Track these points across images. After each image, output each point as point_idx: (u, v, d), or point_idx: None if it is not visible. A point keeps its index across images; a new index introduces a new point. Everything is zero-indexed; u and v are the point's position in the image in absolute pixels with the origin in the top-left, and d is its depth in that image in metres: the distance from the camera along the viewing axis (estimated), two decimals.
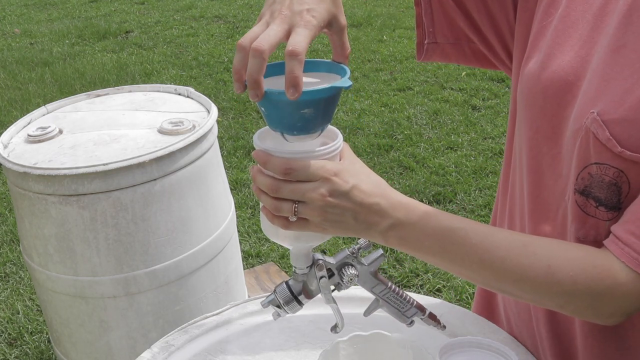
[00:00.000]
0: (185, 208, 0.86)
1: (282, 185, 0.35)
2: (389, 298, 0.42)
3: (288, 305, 0.41)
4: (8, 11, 3.73)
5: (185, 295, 0.89)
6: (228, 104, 2.26)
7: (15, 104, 2.36)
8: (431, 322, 0.44)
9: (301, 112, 0.33)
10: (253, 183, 0.36)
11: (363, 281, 0.41)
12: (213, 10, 3.48)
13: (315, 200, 0.35)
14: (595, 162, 0.36)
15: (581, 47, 0.39)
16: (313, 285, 0.41)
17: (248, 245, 1.46)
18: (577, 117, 0.38)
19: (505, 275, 0.36)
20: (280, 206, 0.35)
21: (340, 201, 0.35)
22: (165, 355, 0.51)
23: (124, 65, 2.72)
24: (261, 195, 0.36)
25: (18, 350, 1.19)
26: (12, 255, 1.47)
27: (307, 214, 0.35)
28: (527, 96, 0.42)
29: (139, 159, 0.80)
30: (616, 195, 0.36)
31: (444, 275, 1.32)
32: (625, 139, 0.35)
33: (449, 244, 0.36)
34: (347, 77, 0.35)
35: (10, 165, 0.82)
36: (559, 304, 0.37)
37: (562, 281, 0.35)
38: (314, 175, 0.34)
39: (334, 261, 0.41)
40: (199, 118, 0.92)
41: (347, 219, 0.35)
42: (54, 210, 0.81)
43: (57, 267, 0.85)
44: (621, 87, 0.36)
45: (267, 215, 0.37)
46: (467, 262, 0.36)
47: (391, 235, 0.36)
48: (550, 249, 0.36)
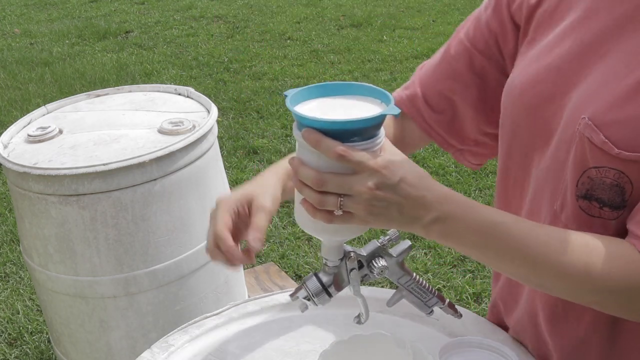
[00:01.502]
0: (185, 208, 0.86)
1: (329, 179, 0.34)
2: (413, 288, 0.42)
3: (318, 297, 0.40)
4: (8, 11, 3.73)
5: (186, 295, 0.89)
6: (228, 104, 2.26)
7: (15, 104, 2.35)
8: (450, 311, 0.44)
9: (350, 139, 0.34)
10: (293, 175, 0.35)
11: (391, 272, 0.41)
12: (213, 10, 3.47)
13: (362, 194, 0.34)
14: (594, 166, 0.36)
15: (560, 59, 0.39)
16: (343, 277, 0.40)
17: None
18: (567, 125, 0.38)
19: (544, 271, 0.36)
20: (325, 200, 0.34)
21: (387, 194, 0.34)
22: (165, 355, 0.51)
23: (124, 65, 2.72)
24: (304, 188, 0.35)
25: (18, 350, 1.19)
26: (12, 255, 1.47)
27: (352, 207, 0.34)
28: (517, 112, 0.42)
29: (139, 159, 0.80)
30: (619, 195, 0.36)
31: (444, 275, 1.32)
32: (620, 140, 0.35)
33: (491, 238, 0.36)
34: (393, 104, 0.35)
35: (10, 165, 0.82)
36: (595, 300, 0.37)
37: (598, 278, 0.35)
38: (363, 166, 0.34)
39: (364, 253, 0.40)
40: (199, 118, 0.92)
41: (392, 212, 0.35)
42: (54, 210, 0.81)
43: (57, 267, 0.85)
44: (609, 90, 0.36)
45: (309, 209, 0.35)
46: (508, 256, 0.36)
47: (434, 228, 0.36)
48: (588, 245, 0.36)
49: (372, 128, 0.35)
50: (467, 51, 0.47)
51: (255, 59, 2.71)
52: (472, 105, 0.48)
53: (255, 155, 1.90)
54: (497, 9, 0.45)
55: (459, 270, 1.33)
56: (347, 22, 3.11)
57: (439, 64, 0.49)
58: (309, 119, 0.34)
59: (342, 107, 0.36)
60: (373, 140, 0.35)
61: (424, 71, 0.50)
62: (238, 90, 2.37)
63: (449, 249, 1.39)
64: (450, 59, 0.48)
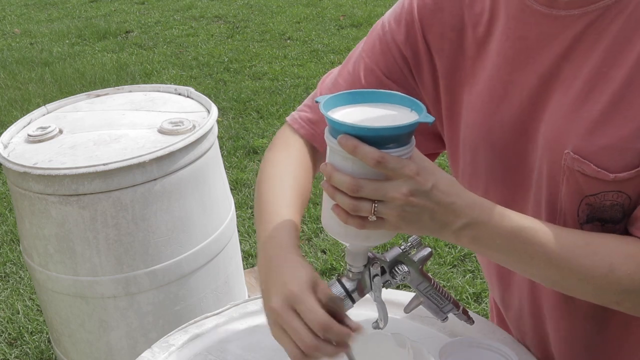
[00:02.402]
0: (185, 208, 0.86)
1: (364, 184, 0.34)
2: (431, 294, 0.43)
3: None
4: (8, 11, 3.73)
5: (186, 295, 0.89)
6: (228, 104, 2.26)
7: (15, 104, 2.35)
8: (463, 317, 0.45)
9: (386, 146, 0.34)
10: (326, 180, 0.35)
11: (412, 278, 0.41)
12: (213, 10, 3.47)
13: (396, 200, 0.34)
14: (590, 194, 0.37)
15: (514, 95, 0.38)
16: (366, 283, 0.40)
17: (248, 245, 1.46)
18: (545, 161, 0.38)
19: (569, 274, 0.36)
20: (360, 206, 0.34)
21: (421, 201, 0.34)
22: (165, 355, 0.51)
23: (124, 65, 2.72)
24: (336, 194, 0.35)
25: (18, 350, 1.19)
26: (12, 255, 1.47)
27: (385, 213, 0.35)
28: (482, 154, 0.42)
29: (139, 159, 0.80)
30: (620, 211, 0.37)
31: (444, 275, 1.32)
32: (611, 164, 0.35)
33: (519, 242, 0.36)
34: (426, 112, 0.35)
35: (10, 165, 0.82)
36: (617, 300, 0.37)
37: (621, 279, 0.36)
38: (399, 172, 0.34)
39: (387, 259, 0.41)
40: (199, 118, 0.92)
41: (424, 218, 0.35)
42: (54, 210, 0.81)
43: (57, 267, 0.85)
44: (582, 118, 0.36)
45: (341, 215, 0.35)
46: (535, 260, 0.37)
47: (464, 234, 0.36)
48: (610, 247, 0.37)
49: (406, 135, 0.35)
50: (381, 83, 0.44)
51: (255, 59, 2.71)
52: None
53: (255, 155, 1.90)
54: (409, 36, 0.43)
55: (459, 270, 1.33)
56: (347, 22, 3.11)
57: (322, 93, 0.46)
58: (346, 125, 0.34)
59: (374, 115, 0.36)
60: (406, 147, 0.35)
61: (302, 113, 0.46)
62: (238, 90, 2.37)
63: (449, 248, 1.39)
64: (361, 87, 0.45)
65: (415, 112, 0.36)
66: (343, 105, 0.37)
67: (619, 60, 0.35)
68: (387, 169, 0.34)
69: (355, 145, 0.34)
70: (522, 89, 0.39)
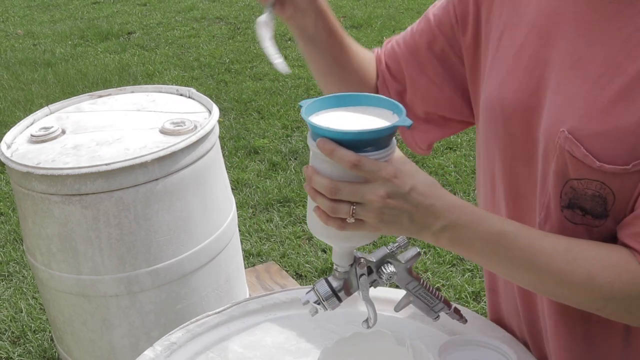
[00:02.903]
0: (186, 208, 0.86)
1: (342, 187, 0.35)
2: (420, 294, 0.43)
3: (328, 301, 0.41)
4: (11, 12, 3.75)
5: (187, 294, 0.89)
6: (229, 105, 2.26)
7: (18, 104, 2.36)
8: (455, 316, 0.45)
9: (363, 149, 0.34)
10: (307, 183, 0.36)
11: (399, 278, 0.42)
12: (214, 12, 3.48)
13: (374, 202, 0.35)
14: (575, 177, 0.37)
15: (535, 68, 0.39)
16: (352, 282, 0.41)
17: (249, 245, 1.46)
18: (546, 137, 0.38)
19: (548, 279, 0.37)
20: (338, 208, 0.35)
21: (398, 203, 0.35)
22: (167, 353, 0.51)
23: (126, 66, 2.73)
24: (317, 196, 0.36)
25: (21, 349, 1.20)
26: (16, 255, 1.48)
27: (364, 215, 0.35)
28: (493, 125, 0.42)
29: (141, 159, 0.80)
30: (601, 205, 0.37)
31: (443, 274, 1.32)
32: (601, 152, 0.35)
33: (498, 246, 0.37)
34: (405, 115, 0.35)
35: (13, 165, 0.82)
36: (597, 307, 0.38)
37: (601, 286, 0.36)
38: (376, 175, 0.34)
39: (374, 259, 0.41)
40: (201, 118, 0.93)
41: (403, 220, 0.36)
42: (56, 210, 0.82)
43: (60, 266, 0.85)
44: (585, 102, 0.36)
45: (322, 217, 0.36)
46: (515, 265, 0.37)
47: (443, 236, 0.36)
48: (591, 254, 0.37)
49: (384, 138, 0.35)
50: (431, 30, 0.46)
51: (256, 60, 2.72)
52: (426, 85, 0.47)
53: (257, 155, 1.90)
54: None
55: (458, 270, 1.33)
56: (347, 23, 3.11)
57: (405, 34, 0.48)
58: (324, 129, 0.35)
59: (355, 118, 0.37)
60: (385, 150, 0.35)
61: (393, 40, 0.49)
62: (239, 91, 2.37)
63: None
64: (414, 33, 0.47)
65: (397, 115, 0.36)
66: (327, 108, 0.37)
67: (635, 53, 0.34)
68: (363, 171, 0.34)
69: (333, 148, 0.35)
70: (541, 63, 0.38)
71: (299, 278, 1.34)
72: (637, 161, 0.35)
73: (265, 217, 1.57)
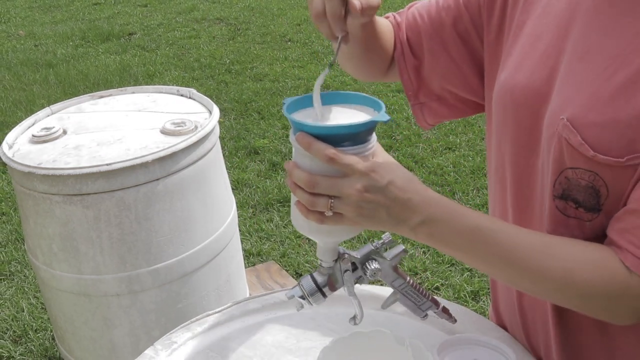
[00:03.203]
0: (187, 208, 0.86)
1: (319, 181, 0.35)
2: (406, 292, 0.43)
3: (312, 296, 0.42)
4: (13, 13, 3.76)
5: (188, 294, 0.89)
6: (230, 105, 2.27)
7: (19, 105, 2.37)
8: (444, 315, 0.45)
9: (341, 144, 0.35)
10: (288, 177, 0.37)
11: (384, 275, 0.42)
12: (215, 13, 3.49)
13: (351, 195, 0.35)
14: (570, 167, 0.37)
15: (548, 57, 0.39)
16: (337, 278, 0.41)
17: (249, 244, 1.47)
18: (548, 124, 0.38)
19: (525, 275, 0.37)
20: (317, 201, 0.35)
21: (376, 197, 0.35)
22: (167, 352, 0.52)
23: (127, 66, 2.73)
24: (296, 190, 0.36)
25: (23, 348, 1.20)
26: (17, 254, 1.48)
27: (342, 209, 0.36)
28: (502, 113, 0.43)
29: (142, 159, 0.81)
30: (594, 197, 0.37)
31: (442, 273, 1.32)
32: (596, 142, 0.35)
33: (476, 242, 0.37)
34: (383, 111, 0.36)
35: (15, 165, 0.83)
36: (575, 304, 0.38)
37: (578, 283, 0.36)
38: (353, 169, 0.35)
39: (358, 255, 0.42)
40: (201, 119, 0.93)
41: (381, 214, 0.36)
42: (58, 210, 0.82)
43: (61, 265, 0.86)
44: (588, 92, 0.36)
45: (302, 210, 0.37)
46: (492, 260, 0.37)
47: (421, 230, 0.37)
48: (569, 251, 0.37)
49: (362, 134, 0.36)
50: (458, 8, 0.46)
51: (256, 61, 2.72)
52: (446, 61, 0.46)
53: (257, 155, 1.91)
54: None
55: (457, 269, 1.33)
56: None
57: (429, 7, 0.48)
58: (302, 124, 0.36)
59: (335, 114, 0.38)
60: (364, 146, 0.36)
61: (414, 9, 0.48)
62: (239, 92, 2.38)
63: None
64: (440, 8, 0.47)
65: (377, 111, 0.37)
66: (310, 105, 0.38)
67: None
68: (340, 165, 0.35)
69: (310, 142, 0.35)
70: (556, 53, 0.38)
71: (299, 277, 1.34)
72: (632, 155, 0.34)
73: (266, 217, 1.57)
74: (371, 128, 0.36)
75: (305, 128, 0.36)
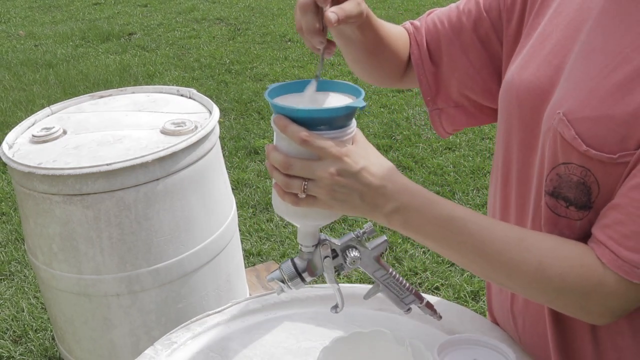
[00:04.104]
0: (187, 207, 0.86)
1: (294, 162, 0.36)
2: (388, 283, 0.43)
3: (292, 281, 0.42)
4: (13, 13, 3.76)
5: (188, 294, 0.89)
6: (230, 105, 2.27)
7: (19, 105, 2.37)
8: (428, 310, 0.45)
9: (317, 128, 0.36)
10: (267, 159, 0.38)
11: (365, 264, 0.42)
12: (215, 13, 3.49)
13: (324, 179, 0.35)
14: (563, 162, 0.37)
15: (555, 56, 0.40)
16: (317, 264, 0.42)
17: (249, 244, 1.47)
18: (545, 120, 0.39)
19: (498, 267, 0.37)
20: (291, 183, 0.36)
21: (349, 181, 0.36)
22: (167, 352, 0.52)
23: (127, 66, 2.73)
24: (273, 171, 0.37)
25: (23, 348, 1.20)
26: (17, 254, 1.48)
27: (315, 191, 0.36)
28: (507, 109, 0.43)
29: (142, 159, 0.81)
30: (585, 194, 0.37)
31: (442, 273, 1.32)
32: (589, 137, 0.35)
33: (448, 231, 0.37)
34: (361, 98, 0.36)
35: (15, 165, 0.83)
36: (548, 299, 0.38)
37: (551, 278, 0.36)
38: (326, 152, 0.35)
39: (339, 243, 0.42)
40: (201, 119, 0.93)
41: (354, 199, 0.36)
42: (58, 210, 0.82)
43: (62, 265, 0.86)
44: (587, 88, 0.36)
45: (279, 192, 0.37)
46: (464, 251, 0.37)
47: (394, 218, 0.37)
48: (544, 246, 0.37)
49: (339, 118, 0.36)
50: (479, 13, 0.46)
51: (256, 61, 2.72)
52: (465, 66, 0.47)
53: (257, 155, 1.91)
54: None
55: (457, 269, 1.33)
56: None
57: (449, 13, 0.48)
58: (279, 106, 0.36)
59: (316, 100, 0.38)
60: (343, 131, 0.36)
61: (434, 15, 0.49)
62: (239, 92, 2.38)
63: None
64: (461, 12, 0.47)
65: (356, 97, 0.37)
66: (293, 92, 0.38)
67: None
68: (313, 147, 0.35)
69: (285, 124, 0.36)
70: (563, 52, 0.39)
71: None
72: (624, 152, 0.34)
73: (265, 217, 1.57)
74: (349, 114, 0.36)
75: (282, 110, 0.36)
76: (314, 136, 0.35)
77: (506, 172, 0.45)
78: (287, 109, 0.36)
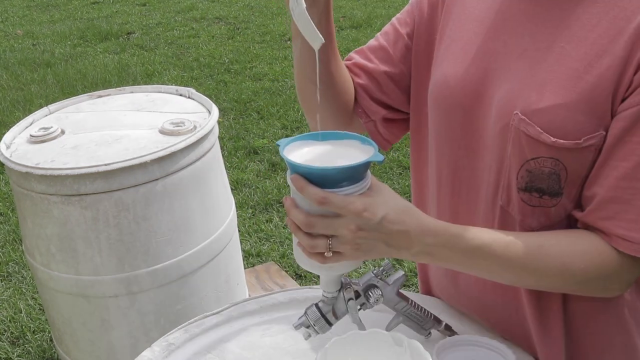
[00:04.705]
0: (186, 208, 0.86)
1: (315, 222, 0.37)
2: (409, 313, 0.46)
3: (318, 325, 0.44)
4: (11, 12, 3.75)
5: (186, 295, 0.89)
6: (229, 105, 2.27)
7: (17, 104, 2.37)
8: (447, 332, 0.48)
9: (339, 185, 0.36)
10: (287, 216, 0.38)
11: (387, 300, 0.44)
12: (214, 12, 3.49)
13: (346, 235, 0.37)
14: (532, 157, 0.39)
15: (481, 60, 0.42)
16: (341, 307, 0.43)
17: (249, 245, 1.47)
18: (499, 122, 0.40)
19: (526, 277, 0.41)
20: (316, 244, 0.37)
21: (371, 234, 0.37)
22: (165, 353, 0.52)
23: (126, 66, 2.73)
24: (297, 232, 0.38)
25: (20, 349, 1.20)
26: (15, 255, 1.48)
27: (341, 248, 0.38)
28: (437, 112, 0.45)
29: (141, 159, 0.80)
30: (557, 182, 0.39)
31: None
32: (553, 129, 0.38)
33: (475, 259, 0.40)
34: (376, 151, 0.37)
35: (12, 166, 0.83)
36: (573, 290, 0.42)
37: (575, 274, 0.39)
38: (345, 211, 0.36)
39: (360, 283, 0.43)
40: (200, 119, 0.93)
41: (380, 247, 0.38)
42: (56, 210, 0.82)
43: (60, 266, 0.86)
44: (535, 84, 0.39)
45: (304, 252, 0.39)
46: (493, 270, 0.41)
47: (421, 257, 0.40)
48: (561, 246, 0.40)
49: (357, 174, 0.37)
50: (395, 31, 0.49)
51: (255, 60, 2.72)
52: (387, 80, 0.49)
53: (256, 155, 1.90)
54: None
55: None
56: (347, 23, 3.11)
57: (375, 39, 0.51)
58: (295, 165, 0.37)
59: (330, 154, 0.39)
60: (360, 184, 0.37)
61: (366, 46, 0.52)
62: (239, 91, 2.38)
63: None
64: (380, 36, 0.51)
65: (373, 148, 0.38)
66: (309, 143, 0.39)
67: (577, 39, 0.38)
68: (332, 207, 0.36)
69: (303, 185, 0.37)
70: (487, 55, 0.42)
71: (299, 278, 1.34)
72: (587, 136, 0.37)
73: (265, 218, 1.57)
74: (366, 167, 0.37)
75: (299, 169, 0.36)
76: (330, 196, 0.36)
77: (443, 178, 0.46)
78: (304, 167, 0.36)
